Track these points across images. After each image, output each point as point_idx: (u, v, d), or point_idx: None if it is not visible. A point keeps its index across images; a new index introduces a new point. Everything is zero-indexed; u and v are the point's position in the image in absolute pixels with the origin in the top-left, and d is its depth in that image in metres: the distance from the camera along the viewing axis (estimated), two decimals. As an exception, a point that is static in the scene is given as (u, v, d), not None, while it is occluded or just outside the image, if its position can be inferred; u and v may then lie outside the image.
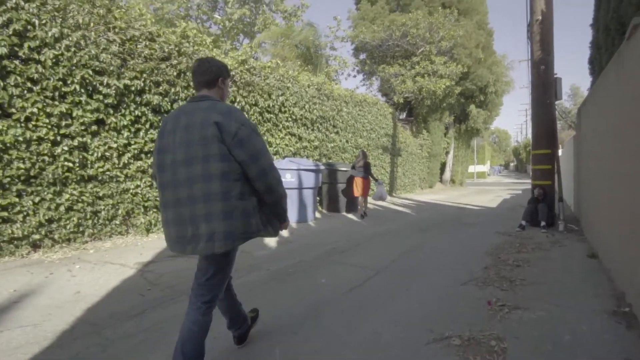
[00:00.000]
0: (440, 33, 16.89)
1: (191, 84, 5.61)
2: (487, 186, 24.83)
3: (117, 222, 5.67)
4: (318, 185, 8.06)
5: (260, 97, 7.76)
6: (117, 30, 5.35)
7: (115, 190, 5.54)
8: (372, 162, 13.12)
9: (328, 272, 4.15)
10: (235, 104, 7.22)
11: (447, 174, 22.49)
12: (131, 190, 5.75)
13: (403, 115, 20.37)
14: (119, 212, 5.65)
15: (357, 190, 8.54)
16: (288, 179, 7.41)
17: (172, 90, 6.04)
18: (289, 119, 8.69)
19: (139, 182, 5.82)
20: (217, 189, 1.75)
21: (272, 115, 8.15)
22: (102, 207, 5.42)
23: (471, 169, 38.08)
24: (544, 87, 6.89)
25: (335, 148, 10.77)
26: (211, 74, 1.95)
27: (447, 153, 21.93)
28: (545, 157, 6.93)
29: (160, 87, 5.87)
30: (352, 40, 18.28)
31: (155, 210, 6.14)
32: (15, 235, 4.55)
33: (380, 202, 11.86)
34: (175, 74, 6.05)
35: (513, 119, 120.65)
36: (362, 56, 19.64)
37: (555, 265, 4.20)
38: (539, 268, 4.08)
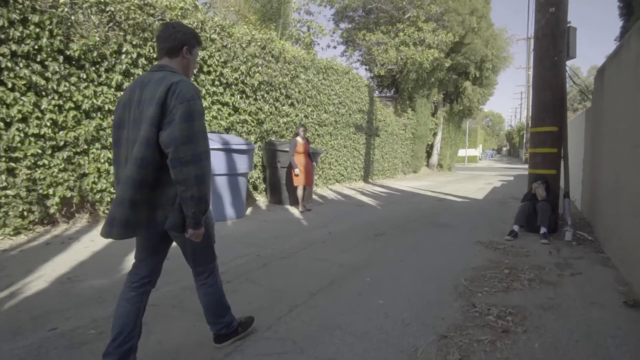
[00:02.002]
0: (429, -5, 14.69)
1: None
2: (477, 171, 23.04)
3: None
4: (249, 170, 6.11)
5: (166, 49, 5.66)
6: None
7: None
8: (341, 143, 11.14)
9: (181, 325, 2.25)
10: (123, 56, 5.15)
11: (435, 158, 20.62)
12: None
13: (389, 93, 18.29)
14: None
15: (297, 179, 6.68)
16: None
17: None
18: (216, 82, 6.63)
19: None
20: (138, 175, 1.59)
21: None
22: None
23: (462, 152, 36.25)
24: (553, 37, 4.90)
25: (290, 124, 8.75)
26: (174, 41, 1.75)
27: (434, 135, 19.99)
28: (549, 136, 5.01)
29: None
30: (330, 2, 15.95)
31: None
32: None
33: (344, 191, 9.94)
34: None
35: (507, 101, 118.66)
36: (343, 25, 17.40)
37: (573, 329, 2.34)
38: (544, 338, 2.21)
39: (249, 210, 6.60)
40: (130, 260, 3.78)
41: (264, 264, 3.70)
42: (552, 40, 4.89)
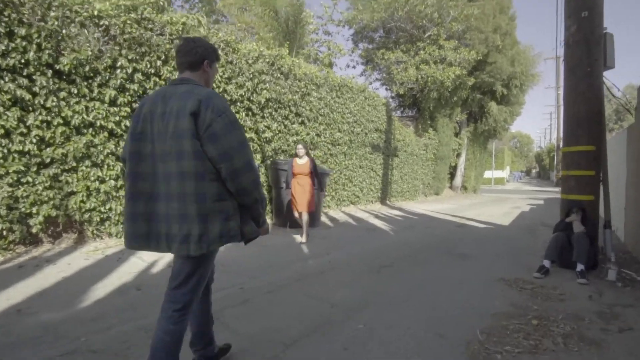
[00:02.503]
0: (451, 13, 14.28)
1: None
2: (504, 194, 21.85)
3: None
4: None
5: (164, 64, 5.45)
6: None
7: None
8: (356, 163, 10.64)
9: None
10: (118, 71, 4.95)
11: (458, 180, 19.69)
12: None
13: (410, 113, 17.77)
14: None
15: (298, 204, 5.84)
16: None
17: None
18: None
19: None
20: (191, 189, 1.58)
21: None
22: None
23: (488, 174, 34.82)
24: (586, 45, 4.31)
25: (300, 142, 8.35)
26: (196, 56, 1.75)
27: (458, 155, 19.14)
28: (584, 156, 4.33)
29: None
30: (349, 23, 15.82)
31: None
32: None
33: (358, 214, 9.37)
34: None
35: (536, 122, 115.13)
36: (362, 45, 17.19)
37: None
38: None
39: (249, 234, 6.16)
40: (99, 288, 3.39)
41: (244, 299, 3.20)
42: (586, 47, 4.30)
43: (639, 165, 4.50)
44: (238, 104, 6.72)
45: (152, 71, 5.30)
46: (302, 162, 5.82)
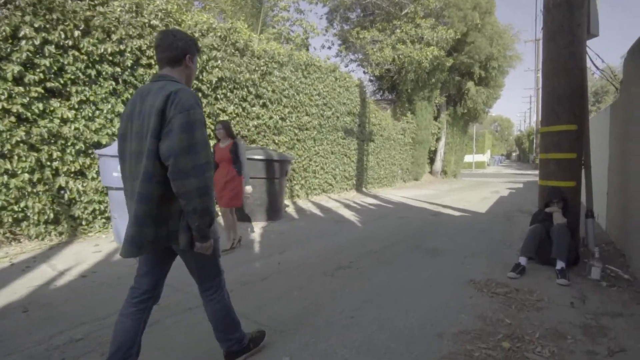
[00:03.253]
0: (428, -11, 13.57)
1: None
2: (484, 178, 21.69)
3: None
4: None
5: (85, 35, 4.63)
6: None
7: None
8: (327, 149, 10.01)
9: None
10: (23, 43, 4.12)
11: (438, 164, 19.34)
12: None
13: (390, 97, 17.15)
14: None
15: (218, 198, 4.35)
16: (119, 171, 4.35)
17: None
18: (161, 78, 5.56)
19: None
20: (142, 189, 1.56)
21: (117, 70, 5.03)
22: None
23: (469, 158, 34.77)
24: (569, 8, 3.73)
25: (262, 127, 7.65)
26: (176, 50, 1.68)
27: (438, 140, 18.75)
28: (566, 137, 3.80)
29: None
30: (323, 1, 14.94)
31: None
32: None
33: (329, 203, 8.78)
34: None
35: (516, 106, 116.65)
36: (337, 25, 16.35)
37: None
38: None
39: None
40: None
41: (155, 320, 2.56)
42: (568, 11, 3.72)
43: (623, 146, 4.01)
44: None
45: (70, 43, 4.48)
46: (222, 146, 4.36)
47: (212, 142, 5.01)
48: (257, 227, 5.84)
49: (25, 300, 2.94)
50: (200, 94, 6.25)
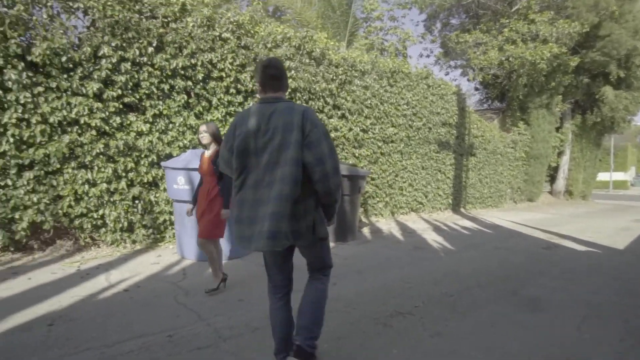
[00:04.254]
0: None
1: None
2: (626, 201, 17.55)
3: None
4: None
5: (158, 52, 4.79)
6: None
7: None
8: (417, 164, 9.04)
9: None
10: (103, 61, 4.40)
11: (560, 183, 16.32)
12: None
13: (500, 105, 15.19)
14: None
15: (202, 225, 3.34)
16: (181, 185, 4.29)
17: None
18: (232, 90, 5.53)
19: None
20: (286, 191, 1.81)
21: (189, 83, 5.12)
22: None
23: (605, 176, 28.90)
24: None
25: (341, 139, 7.18)
26: (282, 79, 2.00)
27: (560, 154, 15.85)
28: None
29: None
30: (417, 4, 14.04)
31: None
32: None
33: (415, 224, 7.79)
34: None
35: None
36: (436, 30, 15.19)
37: None
38: None
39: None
40: (12, 319, 2.71)
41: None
42: None
43: None
44: (257, 95, 5.83)
45: (145, 60, 4.68)
46: (207, 155, 3.40)
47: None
48: (353, 247, 5.30)
49: (61, 312, 2.90)
50: (273, 106, 6.08)
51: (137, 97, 4.75)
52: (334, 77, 6.88)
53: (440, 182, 10.02)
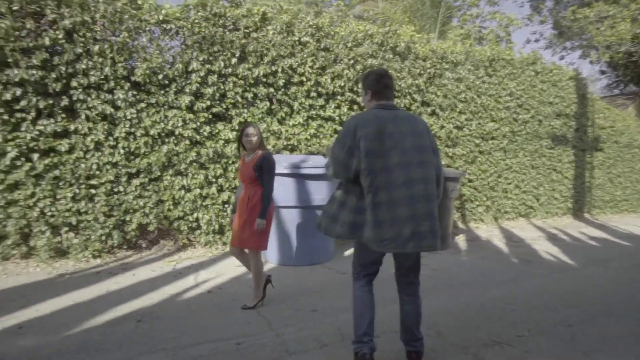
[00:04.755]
0: None
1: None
2: None
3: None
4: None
5: (241, 62, 4.97)
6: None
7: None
8: (525, 162, 7.90)
9: None
10: (193, 76, 4.73)
11: None
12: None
13: (632, 89, 12.56)
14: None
15: (239, 230, 3.08)
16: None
17: (58, 59, 4.12)
18: (313, 93, 5.48)
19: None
20: (433, 191, 2.00)
21: (270, 90, 5.21)
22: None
23: None
24: None
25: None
26: (393, 85, 2.19)
27: None
28: None
29: (34, 58, 4.02)
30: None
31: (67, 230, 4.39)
32: None
33: (524, 232, 6.74)
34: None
35: None
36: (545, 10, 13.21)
37: None
38: None
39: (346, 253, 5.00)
40: (110, 312, 2.93)
41: None
42: None
43: None
44: (338, 97, 5.69)
45: (229, 71, 4.90)
46: (248, 160, 3.13)
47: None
48: (447, 255, 4.85)
49: (150, 309, 3.11)
50: (356, 106, 5.87)
51: (224, 106, 5.00)
52: (422, 72, 6.37)
53: (556, 183, 8.57)
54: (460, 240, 6.01)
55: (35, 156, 4.22)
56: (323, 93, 5.57)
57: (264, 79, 5.14)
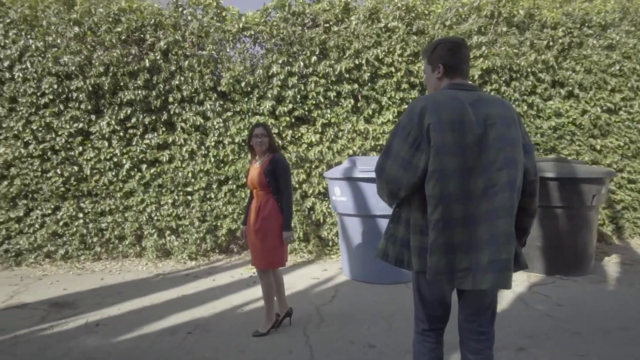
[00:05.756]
0: None
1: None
2: None
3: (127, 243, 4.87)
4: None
5: (321, 60, 4.66)
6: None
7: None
8: None
9: None
10: (274, 79, 4.65)
11: None
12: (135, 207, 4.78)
13: None
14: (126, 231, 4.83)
15: (251, 247, 2.78)
16: (337, 196, 3.95)
17: (156, 78, 4.53)
18: (403, 85, 4.80)
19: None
20: (511, 202, 1.41)
21: (355, 86, 4.75)
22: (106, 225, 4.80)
23: None
24: None
25: (568, 128, 5.13)
26: (469, 62, 1.59)
27: None
28: None
29: (138, 79, 4.50)
30: None
31: (169, 233, 4.86)
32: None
33: None
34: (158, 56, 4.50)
35: None
36: None
37: None
38: None
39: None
40: (170, 318, 2.94)
41: None
42: None
43: None
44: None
45: (310, 71, 4.66)
46: (258, 164, 2.75)
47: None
48: (527, 284, 3.73)
49: (206, 320, 3.05)
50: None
51: (306, 108, 4.79)
52: (551, 43, 4.98)
53: None
54: (611, 262, 4.42)
55: (144, 167, 4.76)
56: (417, 83, 4.85)
57: (347, 75, 4.74)
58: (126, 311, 3.25)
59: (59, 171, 4.63)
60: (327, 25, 4.67)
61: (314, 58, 4.62)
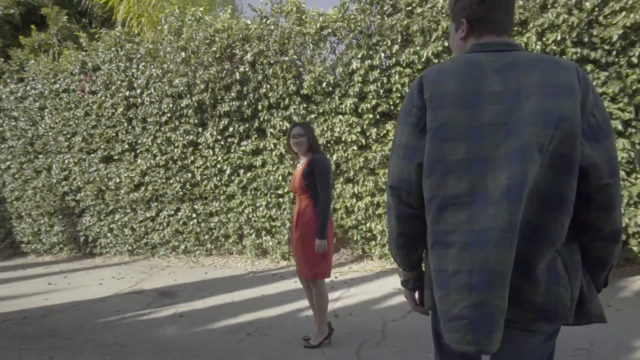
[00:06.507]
0: None
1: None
2: None
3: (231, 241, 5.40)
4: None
5: (406, 47, 4.22)
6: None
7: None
8: None
9: None
10: (355, 75, 4.43)
11: None
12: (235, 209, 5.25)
13: None
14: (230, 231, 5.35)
15: (295, 255, 2.59)
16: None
17: (246, 89, 4.83)
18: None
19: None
20: (512, 215, 0.90)
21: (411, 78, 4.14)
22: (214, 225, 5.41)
23: None
24: None
25: None
26: (512, 15, 1.12)
27: None
28: None
29: (232, 92, 4.88)
30: None
31: (265, 233, 5.17)
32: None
33: None
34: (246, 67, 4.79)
35: None
36: None
37: None
38: None
39: None
40: (250, 317, 3.14)
41: None
42: None
43: None
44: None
45: (392, 62, 4.29)
46: (299, 166, 2.57)
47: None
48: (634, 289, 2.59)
49: (269, 322, 3.06)
50: (589, 66, 3.83)
51: (391, 102, 4.42)
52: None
53: None
54: None
55: (242, 171, 5.15)
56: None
57: (436, 60, 4.18)
58: (209, 306, 3.53)
59: (177, 178, 5.41)
60: (410, 8, 4.21)
61: (395, 47, 4.22)
